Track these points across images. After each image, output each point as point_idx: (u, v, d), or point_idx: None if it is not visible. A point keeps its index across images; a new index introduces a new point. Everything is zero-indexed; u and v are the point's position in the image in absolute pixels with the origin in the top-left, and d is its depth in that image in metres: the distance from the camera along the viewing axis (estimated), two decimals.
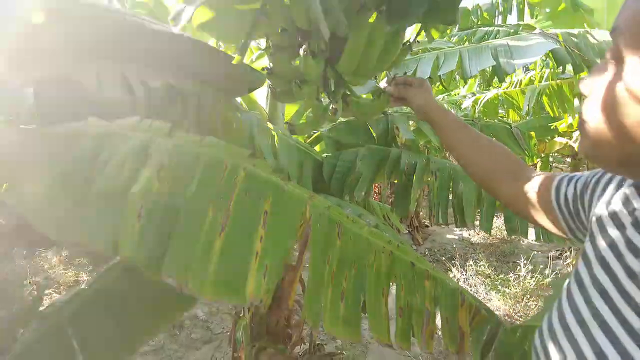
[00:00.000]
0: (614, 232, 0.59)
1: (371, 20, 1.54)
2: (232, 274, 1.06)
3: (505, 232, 2.29)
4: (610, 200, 0.66)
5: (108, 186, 1.06)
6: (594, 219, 0.67)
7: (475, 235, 7.49)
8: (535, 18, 7.07)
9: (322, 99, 1.53)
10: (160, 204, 1.07)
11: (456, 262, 5.69)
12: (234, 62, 1.61)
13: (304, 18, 1.52)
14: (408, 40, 1.61)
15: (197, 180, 1.13)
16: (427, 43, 3.13)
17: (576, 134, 5.10)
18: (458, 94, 7.71)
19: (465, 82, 2.51)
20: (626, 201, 0.61)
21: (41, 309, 1.63)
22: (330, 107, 1.44)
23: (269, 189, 1.19)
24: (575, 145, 5.59)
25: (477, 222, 2.27)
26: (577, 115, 3.45)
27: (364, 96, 2.04)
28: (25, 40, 1.40)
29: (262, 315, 2.36)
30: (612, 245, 0.57)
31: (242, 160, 1.22)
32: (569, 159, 8.29)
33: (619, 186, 0.67)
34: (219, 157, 1.20)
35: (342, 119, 2.75)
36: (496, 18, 6.53)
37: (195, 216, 1.09)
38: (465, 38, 5.93)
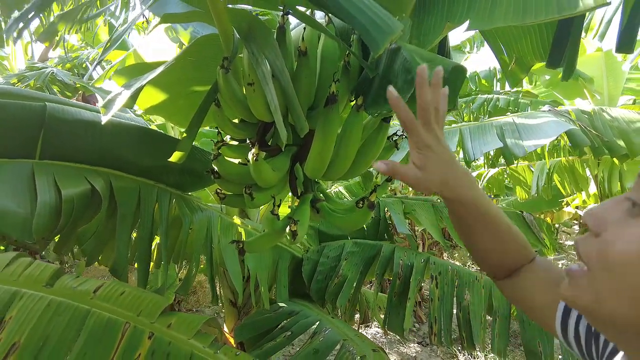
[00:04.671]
0: None
1: (344, 113, 1.23)
2: None
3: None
4: None
5: None
6: None
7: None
8: (534, 84, 7.00)
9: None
10: None
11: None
12: (172, 159, 1.28)
13: (262, 109, 1.20)
14: (395, 134, 1.29)
15: None
16: None
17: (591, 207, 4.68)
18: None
19: (469, 166, 2.21)
20: None
21: None
22: (288, 228, 1.09)
23: None
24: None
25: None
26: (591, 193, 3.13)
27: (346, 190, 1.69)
28: None
29: None
30: None
31: (152, 320, 0.84)
32: (577, 227, 7.90)
33: None
34: (114, 319, 0.82)
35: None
36: (494, 85, 6.43)
37: None
38: (464, 105, 5.76)
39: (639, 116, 2.29)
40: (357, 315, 4.12)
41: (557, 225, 8.67)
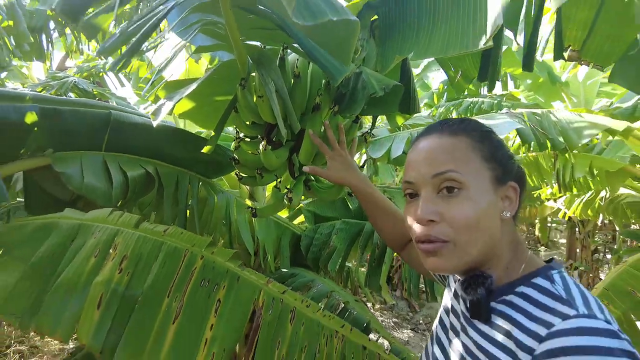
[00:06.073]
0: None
1: (325, 117, 1.70)
2: None
3: None
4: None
5: (73, 276, 1.16)
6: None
7: None
8: (519, 88, 7.49)
9: (282, 186, 1.66)
10: (118, 293, 1.16)
11: None
12: (204, 150, 1.76)
13: (269, 114, 1.69)
14: (367, 131, 1.77)
15: (155, 271, 1.23)
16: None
17: (560, 200, 5.22)
18: None
19: None
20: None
21: None
22: (285, 196, 1.57)
23: (224, 278, 1.28)
24: (563, 209, 5.72)
25: None
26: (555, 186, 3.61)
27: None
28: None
29: None
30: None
31: (202, 249, 1.33)
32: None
33: None
34: (179, 247, 1.31)
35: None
36: (482, 88, 6.89)
37: (151, 305, 1.18)
38: (451, 108, 6.25)
39: (578, 117, 2.77)
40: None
41: (549, 221, 9.18)
